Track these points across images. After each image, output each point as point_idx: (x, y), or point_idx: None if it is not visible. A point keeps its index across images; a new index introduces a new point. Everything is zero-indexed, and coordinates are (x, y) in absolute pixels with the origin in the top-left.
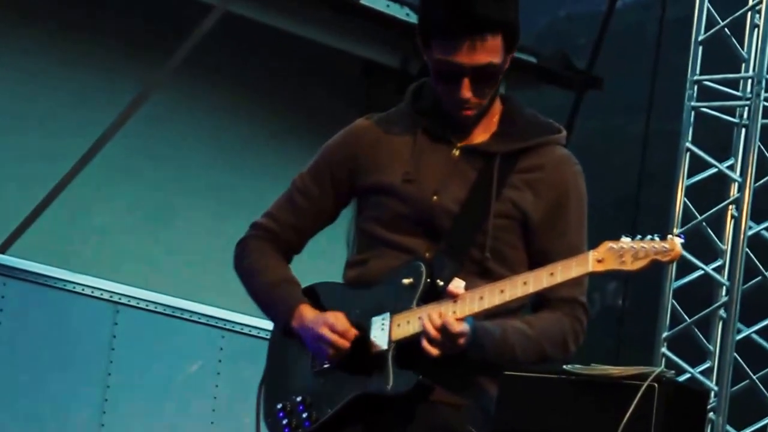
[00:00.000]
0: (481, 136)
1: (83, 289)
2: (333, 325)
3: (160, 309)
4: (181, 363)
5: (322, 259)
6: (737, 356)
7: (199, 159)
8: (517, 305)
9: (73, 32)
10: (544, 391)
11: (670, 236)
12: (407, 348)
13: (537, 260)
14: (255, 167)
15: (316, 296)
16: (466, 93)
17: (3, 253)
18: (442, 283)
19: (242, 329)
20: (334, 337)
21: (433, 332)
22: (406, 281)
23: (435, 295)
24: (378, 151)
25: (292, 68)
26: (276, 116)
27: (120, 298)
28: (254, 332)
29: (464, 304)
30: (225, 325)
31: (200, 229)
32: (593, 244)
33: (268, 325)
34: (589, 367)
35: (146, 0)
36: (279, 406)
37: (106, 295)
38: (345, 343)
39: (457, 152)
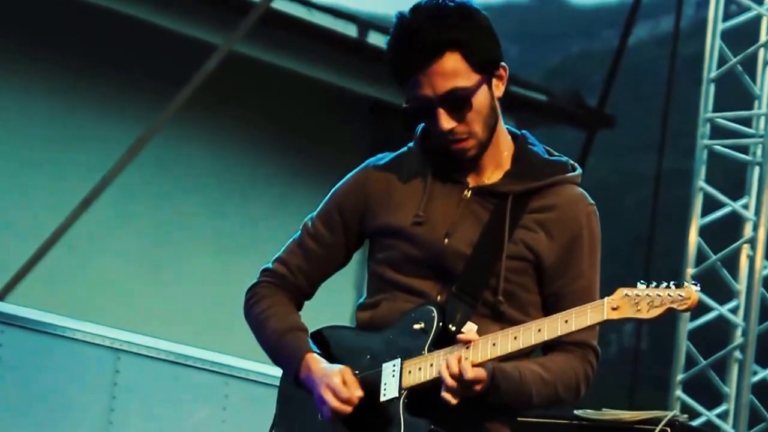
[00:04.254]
0: (492, 175)
1: (84, 336)
2: (336, 390)
3: (162, 356)
4: (185, 411)
5: (329, 300)
6: (754, 398)
7: (202, 203)
8: (529, 349)
9: (73, 75)
10: None
11: (686, 284)
12: (418, 395)
13: (549, 303)
14: (259, 211)
15: (326, 341)
16: (445, 124)
17: (1, 300)
18: (454, 328)
19: (247, 375)
20: (335, 404)
21: (450, 381)
22: (417, 326)
23: (447, 340)
24: (388, 193)
25: (298, 108)
26: (282, 158)
27: (121, 345)
28: (260, 378)
29: (477, 350)
30: (230, 371)
31: (203, 274)
32: (606, 284)
33: (274, 371)
34: (600, 411)
35: (149, 40)
36: None
37: (107, 342)
38: (346, 410)
39: (468, 193)
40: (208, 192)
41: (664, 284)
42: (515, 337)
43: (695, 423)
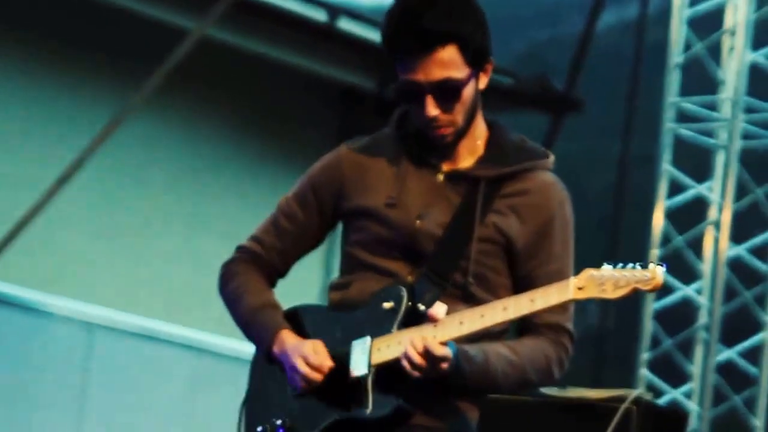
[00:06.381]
0: (466, 160)
1: (58, 311)
2: (307, 357)
3: (136, 330)
4: (158, 385)
5: (297, 281)
6: (719, 377)
7: (174, 183)
8: (499, 330)
9: (47, 57)
10: (522, 415)
11: (651, 264)
12: (387, 372)
13: (520, 286)
14: (230, 192)
15: (299, 320)
16: (431, 111)
17: None
18: (423, 308)
19: (219, 351)
20: (306, 370)
21: (416, 358)
22: (386, 305)
23: (416, 319)
24: (362, 175)
25: (268, 93)
26: (252, 141)
27: (95, 320)
28: (231, 354)
29: (444, 329)
30: (201, 346)
31: (175, 251)
32: (573, 267)
33: (245, 347)
34: (565, 389)
35: (121, 24)
36: (260, 429)
37: (81, 317)
38: (317, 377)
39: (441, 177)
40: (178, 172)
41: (630, 265)
42: (482, 315)
43: (660, 401)
